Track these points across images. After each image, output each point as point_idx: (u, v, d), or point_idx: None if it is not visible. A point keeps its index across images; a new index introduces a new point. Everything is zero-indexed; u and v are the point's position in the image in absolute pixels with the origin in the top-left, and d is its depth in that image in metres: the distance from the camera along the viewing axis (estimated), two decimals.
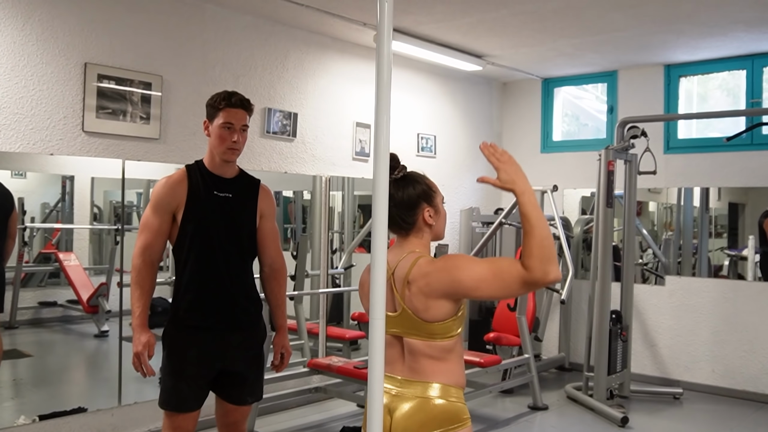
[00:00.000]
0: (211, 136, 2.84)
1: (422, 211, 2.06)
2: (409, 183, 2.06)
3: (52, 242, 4.80)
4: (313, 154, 5.39)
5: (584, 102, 7.42)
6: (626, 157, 5.54)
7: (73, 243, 4.82)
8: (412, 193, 2.05)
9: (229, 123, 2.80)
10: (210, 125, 2.84)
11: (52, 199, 4.66)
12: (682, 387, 5.87)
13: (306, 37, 5.32)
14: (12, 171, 4.06)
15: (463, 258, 1.94)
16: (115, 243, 4.57)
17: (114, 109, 4.20)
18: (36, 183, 4.40)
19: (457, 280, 1.89)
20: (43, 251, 4.77)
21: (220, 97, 2.83)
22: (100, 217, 4.78)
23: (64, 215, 4.68)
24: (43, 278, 4.81)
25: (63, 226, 4.75)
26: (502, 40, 5.54)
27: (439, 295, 1.91)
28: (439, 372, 1.96)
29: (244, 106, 2.85)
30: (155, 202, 2.79)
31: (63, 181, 4.55)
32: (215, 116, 2.82)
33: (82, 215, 4.74)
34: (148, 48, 4.39)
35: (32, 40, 3.87)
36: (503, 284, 1.86)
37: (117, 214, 4.63)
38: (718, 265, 6.34)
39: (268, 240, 2.99)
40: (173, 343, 2.81)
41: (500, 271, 1.86)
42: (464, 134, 6.86)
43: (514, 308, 5.56)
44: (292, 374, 4.94)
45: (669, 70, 6.22)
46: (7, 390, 4.27)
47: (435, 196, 2.09)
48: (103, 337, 4.69)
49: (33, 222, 4.53)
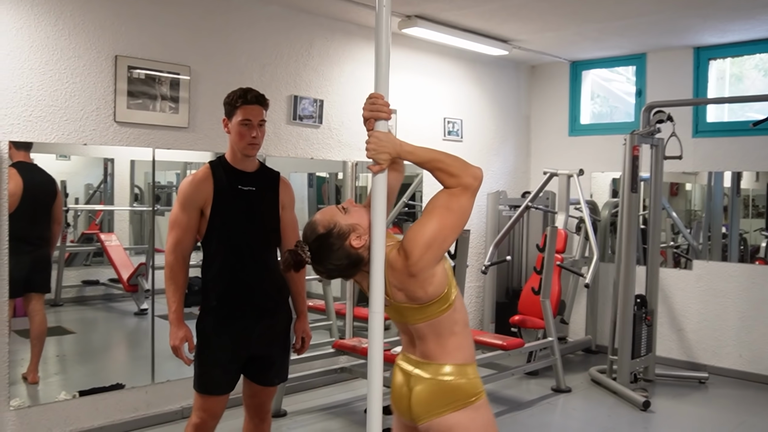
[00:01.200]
0: (231, 133, 2.95)
1: (349, 249, 1.98)
2: (322, 255, 1.99)
3: (96, 222, 5.00)
4: (339, 140, 5.49)
5: (613, 84, 7.36)
6: (652, 142, 5.51)
7: (114, 224, 5.02)
8: (330, 257, 1.99)
9: (247, 120, 2.90)
10: (229, 123, 2.95)
11: (95, 180, 4.85)
12: (709, 372, 5.86)
13: (331, 24, 5.39)
14: (56, 154, 4.26)
15: (410, 238, 1.93)
16: (152, 222, 4.74)
17: (144, 100, 4.35)
18: (80, 165, 4.59)
19: (418, 260, 1.91)
20: (85, 232, 4.98)
21: (236, 95, 2.93)
22: (141, 198, 4.95)
23: (106, 196, 4.88)
24: (87, 257, 5.02)
25: (103, 208, 4.95)
26: (526, 25, 5.53)
27: (420, 279, 1.96)
28: (449, 352, 2.05)
29: (260, 101, 2.95)
30: (183, 200, 2.91)
31: (105, 163, 4.74)
32: (233, 114, 2.93)
33: (122, 196, 4.93)
34: (176, 39, 4.52)
35: (65, 34, 4.03)
36: (455, 215, 1.94)
37: (156, 195, 4.80)
38: (755, 247, 6.28)
39: (289, 230, 3.11)
40: (207, 331, 2.94)
41: (445, 211, 1.93)
42: (491, 118, 6.88)
43: (539, 291, 5.61)
44: (319, 354, 5.08)
45: (698, 52, 6.13)
46: (52, 365, 4.48)
47: (343, 229, 1.98)
48: (142, 315, 4.86)
49: (77, 203, 4.73)
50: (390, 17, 2.03)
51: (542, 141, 7.27)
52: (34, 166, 4.06)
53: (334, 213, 2.00)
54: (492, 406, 5.13)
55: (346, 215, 1.99)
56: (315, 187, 6.24)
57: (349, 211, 2.00)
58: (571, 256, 6.38)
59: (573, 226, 6.52)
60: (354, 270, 2.04)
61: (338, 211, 2.01)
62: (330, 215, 2.00)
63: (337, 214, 2.00)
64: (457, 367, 2.05)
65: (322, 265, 2.01)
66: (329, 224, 1.97)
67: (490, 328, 6.57)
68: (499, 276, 6.73)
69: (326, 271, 2.03)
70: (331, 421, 4.68)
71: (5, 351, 3.87)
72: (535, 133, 7.34)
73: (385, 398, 2.00)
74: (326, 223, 1.98)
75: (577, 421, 4.91)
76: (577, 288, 6.60)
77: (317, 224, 1.99)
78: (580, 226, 6.41)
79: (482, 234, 6.79)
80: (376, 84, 2.04)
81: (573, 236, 6.55)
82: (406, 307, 2.04)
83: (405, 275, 1.96)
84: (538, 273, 5.71)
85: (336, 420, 4.70)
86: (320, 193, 6.28)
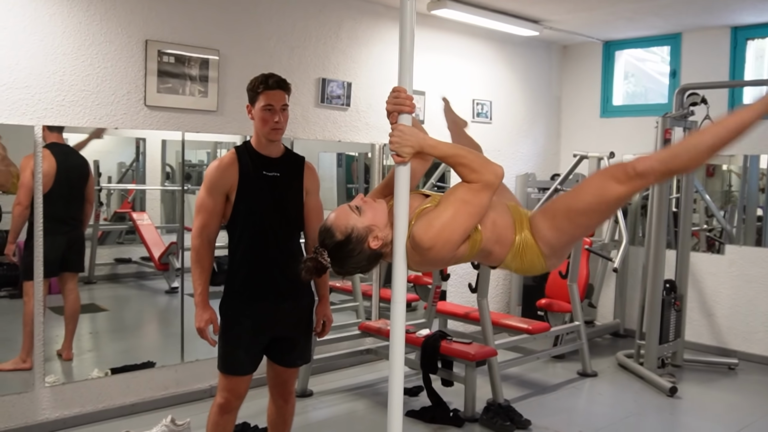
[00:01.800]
0: (254, 119, 2.98)
1: (368, 251, 1.99)
2: (343, 260, 2.00)
3: (129, 200, 5.09)
4: (367, 123, 5.50)
5: (647, 65, 7.21)
6: (685, 125, 5.41)
7: (145, 202, 5.11)
8: (350, 261, 2.00)
9: (269, 105, 2.93)
10: (252, 109, 2.98)
11: (128, 159, 4.93)
12: (739, 358, 5.80)
13: (360, 5, 5.37)
14: (90, 132, 4.31)
15: (424, 229, 1.93)
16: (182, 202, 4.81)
17: (173, 84, 4.40)
18: (112, 144, 4.65)
19: (433, 255, 1.94)
20: (118, 210, 5.08)
21: (257, 81, 2.96)
22: (172, 177, 5.01)
23: (138, 175, 4.96)
24: (120, 235, 5.12)
25: (135, 187, 5.03)
26: (558, 6, 5.45)
27: (442, 263, 2.02)
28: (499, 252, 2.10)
29: (281, 86, 2.97)
30: (209, 185, 2.95)
31: (137, 142, 4.81)
32: (256, 100, 2.96)
33: (154, 175, 5.00)
34: (205, 23, 4.55)
35: (96, 20, 4.08)
36: (472, 208, 1.94)
37: (187, 173, 4.87)
38: None
39: (313, 215, 3.14)
40: (230, 313, 3.00)
41: (462, 204, 1.93)
42: (522, 99, 6.82)
43: (566, 275, 5.58)
44: (345, 336, 5.15)
45: (735, 32, 5.98)
46: (86, 342, 4.60)
47: (360, 233, 1.97)
48: (173, 293, 4.96)
49: (110, 182, 4.82)
50: (414, 11, 2.03)
51: (573, 122, 7.18)
52: (67, 148, 4.15)
53: (349, 216, 1.98)
54: (517, 389, 5.14)
55: (361, 216, 1.98)
56: (344, 167, 6.26)
57: (363, 211, 1.99)
58: (600, 240, 6.33)
59: None
60: (374, 264, 2.06)
61: (352, 213, 1.98)
62: (345, 219, 1.98)
63: (351, 217, 1.98)
64: (511, 252, 2.09)
65: (343, 268, 2.03)
66: (346, 230, 1.96)
67: (516, 312, 6.57)
68: None
69: (346, 272, 2.06)
70: (357, 401, 4.75)
71: (41, 330, 4.00)
72: (565, 115, 7.25)
73: (407, 380, 2.03)
74: (343, 229, 1.96)
75: (603, 405, 4.90)
76: (606, 272, 6.54)
77: (334, 230, 1.97)
78: None
79: None
80: (400, 75, 2.03)
81: None
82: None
83: (424, 262, 2.00)
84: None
85: (361, 401, 4.76)
86: (350, 172, 6.30)
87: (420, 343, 4.51)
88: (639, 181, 1.95)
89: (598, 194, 1.97)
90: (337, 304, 5.85)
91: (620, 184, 1.95)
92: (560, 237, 2.04)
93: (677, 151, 2.03)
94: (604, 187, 1.96)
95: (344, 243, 1.96)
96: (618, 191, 1.95)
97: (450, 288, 6.15)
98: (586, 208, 1.99)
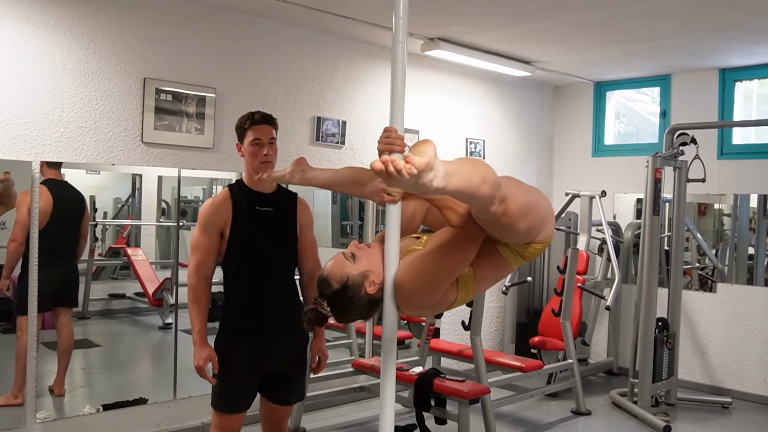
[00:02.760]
0: (244, 155, 3.04)
1: (365, 297, 1.97)
2: (343, 309, 1.99)
3: (124, 235, 5.11)
4: (361, 161, 5.56)
5: (638, 105, 7.33)
6: (675, 164, 5.49)
7: (140, 238, 5.12)
8: (349, 309, 2.00)
9: (257, 139, 3.00)
10: (242, 146, 3.06)
11: (124, 195, 4.95)
12: (732, 396, 5.79)
13: (355, 46, 5.48)
14: (86, 169, 4.37)
15: (404, 274, 1.92)
16: (177, 238, 4.83)
17: (170, 121, 4.46)
18: (109, 180, 4.69)
19: (420, 301, 1.95)
20: (113, 246, 5.09)
21: (244, 118, 3.05)
22: (168, 212, 5.03)
23: (134, 210, 4.98)
24: (114, 271, 5.12)
25: (130, 222, 5.05)
26: (549, 47, 5.56)
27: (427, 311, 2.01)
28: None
29: (267, 121, 3.05)
30: (204, 223, 3.00)
31: (133, 178, 4.84)
32: (244, 136, 3.04)
33: (149, 211, 5.01)
34: (203, 62, 4.63)
35: (96, 58, 4.16)
36: (461, 254, 1.95)
37: (182, 210, 4.90)
38: None
39: (307, 250, 3.17)
40: (225, 348, 3.00)
41: (442, 255, 1.93)
42: (514, 138, 6.91)
43: (559, 313, 5.60)
44: (339, 373, 5.12)
45: (724, 74, 6.11)
46: (78, 378, 4.57)
47: (356, 280, 1.96)
48: (167, 329, 4.93)
49: (105, 217, 4.83)
50: (406, 54, 2.09)
51: (565, 161, 7.27)
52: (64, 183, 4.19)
53: (344, 264, 1.97)
54: (511, 427, 5.10)
55: (356, 263, 1.97)
56: (339, 204, 6.30)
57: (358, 258, 1.98)
58: (593, 278, 6.36)
59: (595, 248, 6.50)
60: (374, 310, 2.04)
61: (347, 261, 1.97)
62: (340, 268, 1.97)
63: (346, 265, 1.97)
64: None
65: (343, 317, 2.03)
66: (342, 278, 1.95)
67: (510, 349, 6.57)
68: (520, 297, 6.72)
69: (347, 320, 2.08)
70: None
71: (33, 365, 3.98)
72: (558, 154, 7.34)
73: (401, 418, 2.03)
74: (339, 278, 1.95)
75: None
76: (599, 310, 6.56)
77: (330, 280, 1.96)
78: (602, 248, 6.38)
79: None
80: (392, 114, 2.06)
81: (595, 257, 6.53)
82: None
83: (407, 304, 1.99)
84: (559, 295, 5.70)
85: None
86: (345, 209, 6.34)
87: (413, 380, 4.50)
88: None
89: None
90: (331, 341, 5.84)
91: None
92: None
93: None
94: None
95: (341, 291, 1.95)
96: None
97: (443, 325, 6.15)
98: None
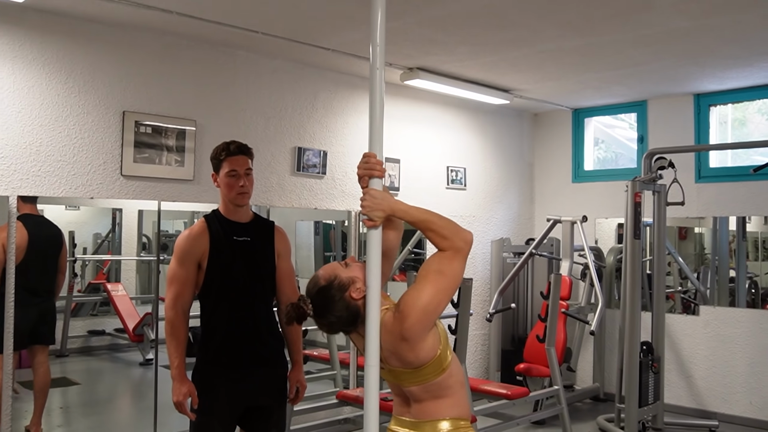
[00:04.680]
0: (220, 186, 3.02)
1: (349, 301, 2.04)
2: (324, 307, 2.05)
3: (104, 271, 5.04)
4: (342, 190, 5.56)
5: (616, 131, 7.42)
6: (654, 188, 5.54)
7: (121, 273, 5.06)
8: (331, 309, 2.05)
9: (233, 170, 2.98)
10: (218, 177, 3.03)
11: (104, 230, 4.90)
12: (719, 419, 5.78)
13: (334, 77, 5.51)
14: (66, 205, 4.33)
15: (407, 302, 1.97)
16: (157, 272, 4.76)
17: (150, 154, 4.44)
18: (88, 215, 4.66)
19: (413, 324, 1.95)
20: (92, 282, 5.02)
21: (219, 149, 3.02)
22: (148, 247, 4.98)
23: (114, 246, 4.92)
24: (94, 307, 5.04)
25: (110, 258, 4.99)
26: (526, 76, 5.63)
27: (411, 343, 1.99)
28: (445, 408, 2.07)
29: (243, 151, 3.03)
30: (180, 255, 2.94)
31: (113, 213, 4.80)
32: (220, 167, 3.01)
33: (130, 246, 4.95)
34: (182, 95, 4.63)
35: (74, 92, 4.15)
36: (448, 279, 1.98)
37: (163, 244, 4.85)
38: (767, 290, 6.23)
39: (285, 279, 3.13)
40: (204, 381, 2.94)
41: (438, 275, 1.98)
42: (495, 165, 6.95)
43: (544, 339, 5.58)
44: (323, 405, 5.05)
45: (698, 99, 6.21)
46: (56, 417, 4.47)
47: (343, 281, 2.05)
48: (148, 365, 4.85)
49: (85, 253, 4.78)
50: (383, 83, 2.10)
51: (546, 188, 7.32)
52: (40, 218, 4.13)
53: (336, 267, 2.09)
54: None
55: (347, 269, 2.07)
56: (321, 235, 6.29)
57: (350, 266, 2.09)
58: (577, 303, 6.36)
59: (578, 273, 6.51)
60: (353, 325, 2.08)
61: (339, 266, 2.09)
62: (331, 269, 2.08)
63: (338, 268, 2.08)
64: (454, 421, 2.07)
65: (324, 318, 2.07)
66: (330, 277, 2.06)
67: (495, 377, 6.53)
68: (505, 323, 6.70)
69: (328, 324, 2.08)
70: None
71: (8, 404, 3.89)
72: (538, 180, 7.39)
73: None
74: (327, 276, 2.06)
75: None
76: (584, 335, 6.55)
77: (319, 278, 2.07)
78: (585, 273, 6.40)
79: (487, 281, 6.79)
80: (371, 140, 2.10)
81: (578, 283, 6.54)
82: (400, 371, 2.06)
83: (398, 339, 1.99)
84: (543, 321, 5.69)
85: None
86: (327, 239, 6.32)
87: None
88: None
89: None
90: (314, 373, 5.77)
91: None
92: None
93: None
94: None
95: (326, 288, 2.04)
96: None
97: None
98: None
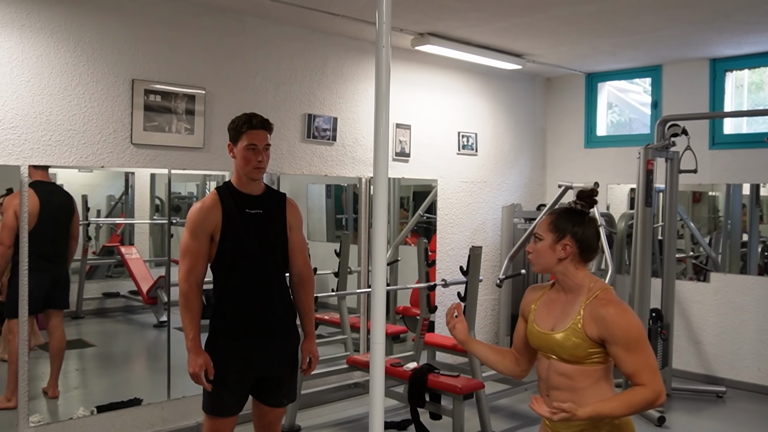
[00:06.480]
0: (236, 157, 3.00)
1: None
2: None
3: (117, 233, 5.09)
4: (353, 157, 5.55)
5: (630, 95, 7.32)
6: (667, 155, 5.49)
7: (134, 236, 5.10)
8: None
9: (253, 144, 2.96)
10: (234, 148, 3.01)
11: (117, 192, 4.92)
12: (727, 385, 5.82)
13: (344, 42, 5.46)
14: (79, 168, 4.35)
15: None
16: (169, 236, 4.79)
17: (160, 122, 4.45)
18: (101, 178, 4.68)
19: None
20: (106, 245, 5.07)
21: (241, 120, 3.00)
22: (161, 209, 4.99)
23: (127, 208, 4.95)
24: (108, 269, 5.09)
25: (123, 221, 5.03)
26: (539, 41, 5.55)
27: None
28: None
29: (264, 126, 3.02)
30: (193, 228, 2.95)
31: (125, 176, 4.82)
32: (239, 139, 2.99)
33: (142, 209, 4.99)
34: (191, 62, 4.61)
35: (83, 60, 4.14)
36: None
37: (176, 206, 4.86)
38: None
39: (297, 251, 3.16)
40: (216, 352, 2.97)
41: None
42: (507, 131, 6.90)
43: None
44: (333, 370, 5.13)
45: (714, 64, 6.10)
46: (72, 379, 4.57)
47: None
48: (162, 328, 4.92)
49: (99, 215, 4.81)
50: (390, 50, 2.04)
51: (558, 153, 7.27)
52: (51, 185, 4.17)
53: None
54: (506, 420, 5.11)
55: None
56: (333, 198, 6.29)
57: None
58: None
59: None
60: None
61: None
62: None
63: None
64: None
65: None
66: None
67: (505, 342, 6.58)
68: (515, 289, 6.72)
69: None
70: None
71: (25, 368, 3.98)
72: (550, 146, 7.33)
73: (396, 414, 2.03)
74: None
75: None
76: None
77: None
78: None
79: (497, 247, 6.80)
80: (377, 108, 1.98)
81: None
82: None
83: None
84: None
85: None
86: (339, 202, 6.32)
87: (407, 376, 4.52)
88: None
89: None
90: (326, 337, 5.85)
91: None
92: None
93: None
94: None
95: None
96: None
97: (438, 319, 6.16)
98: None
